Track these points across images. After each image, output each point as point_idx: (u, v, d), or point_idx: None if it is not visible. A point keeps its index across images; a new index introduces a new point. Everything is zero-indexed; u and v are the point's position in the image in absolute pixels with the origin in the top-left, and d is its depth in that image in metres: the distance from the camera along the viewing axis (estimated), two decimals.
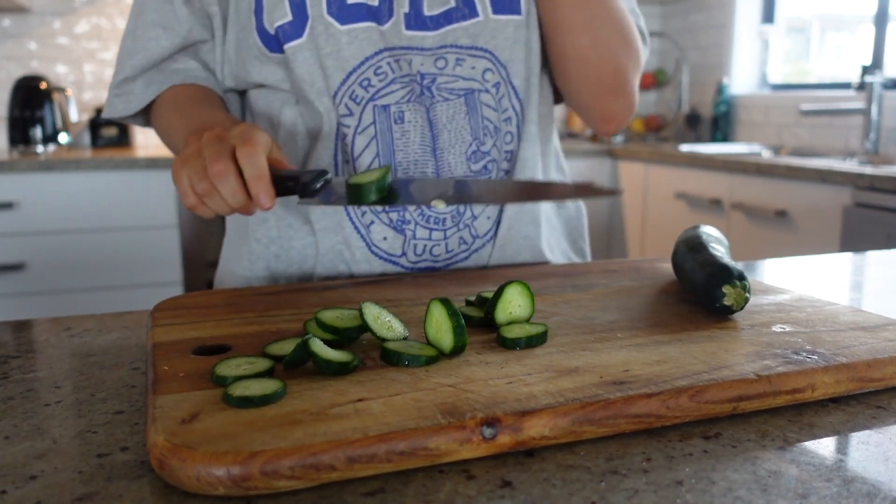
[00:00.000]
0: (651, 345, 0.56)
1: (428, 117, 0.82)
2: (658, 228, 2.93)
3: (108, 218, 2.48)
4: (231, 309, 0.65)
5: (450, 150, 0.83)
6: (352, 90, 0.80)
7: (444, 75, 0.81)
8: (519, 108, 0.86)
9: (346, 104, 0.81)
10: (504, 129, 0.85)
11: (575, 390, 0.47)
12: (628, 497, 0.39)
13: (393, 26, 0.80)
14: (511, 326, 0.57)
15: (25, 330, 0.70)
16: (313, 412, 0.43)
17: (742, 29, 3.33)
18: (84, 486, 0.40)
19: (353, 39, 0.79)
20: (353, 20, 0.79)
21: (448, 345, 0.53)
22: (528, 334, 0.55)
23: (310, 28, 0.79)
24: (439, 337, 0.53)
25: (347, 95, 0.80)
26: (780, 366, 0.51)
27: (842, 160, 2.61)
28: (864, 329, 0.59)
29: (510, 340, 0.55)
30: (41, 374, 0.57)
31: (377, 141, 0.81)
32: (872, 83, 2.59)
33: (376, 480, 0.41)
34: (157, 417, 0.43)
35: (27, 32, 2.96)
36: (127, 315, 0.73)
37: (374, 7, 0.79)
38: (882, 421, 0.49)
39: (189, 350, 0.54)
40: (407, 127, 0.81)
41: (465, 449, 0.42)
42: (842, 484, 0.41)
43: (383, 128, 0.81)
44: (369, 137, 0.81)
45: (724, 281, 0.62)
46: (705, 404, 0.47)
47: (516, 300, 0.59)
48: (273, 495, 0.39)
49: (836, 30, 3.45)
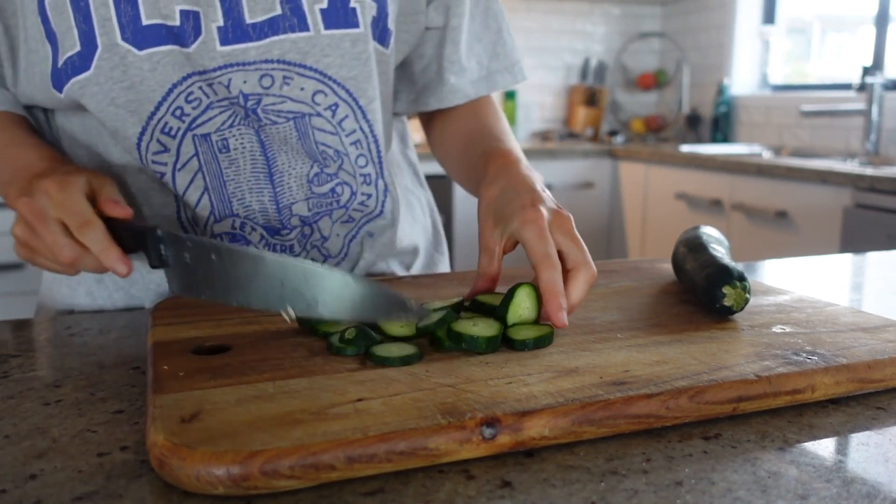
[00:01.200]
0: (651, 345, 0.56)
1: (259, 139, 0.73)
2: (658, 229, 2.93)
3: None
4: (231, 308, 0.65)
5: (288, 173, 0.75)
6: (164, 122, 0.70)
7: (270, 95, 0.71)
8: (368, 129, 0.77)
9: (159, 139, 0.71)
10: (354, 153, 0.77)
11: (575, 390, 0.47)
12: (628, 497, 0.39)
13: (201, 46, 0.68)
14: (518, 328, 0.57)
15: (25, 329, 0.70)
16: (313, 412, 0.43)
17: (743, 29, 3.33)
18: (84, 486, 0.40)
19: (156, 66, 0.68)
20: (152, 44, 0.67)
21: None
22: (536, 335, 0.55)
23: (99, 58, 0.67)
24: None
25: (159, 129, 0.70)
26: (780, 366, 0.51)
27: (842, 161, 2.61)
28: (865, 330, 0.59)
29: (518, 342, 0.54)
30: (41, 373, 0.57)
31: (203, 174, 0.73)
32: (873, 84, 2.60)
33: (376, 480, 0.41)
34: (156, 417, 0.43)
35: None
36: (127, 314, 0.73)
37: (175, 27, 0.67)
38: (882, 422, 0.49)
39: (189, 349, 0.54)
40: (234, 155, 0.73)
41: (465, 449, 0.42)
42: (841, 485, 0.41)
43: (208, 158, 0.73)
44: (193, 171, 0.73)
45: (724, 282, 0.62)
46: (705, 405, 0.47)
47: (525, 302, 0.59)
48: (273, 495, 0.39)
49: (837, 30, 3.45)
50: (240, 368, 0.51)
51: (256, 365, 0.51)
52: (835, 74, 3.26)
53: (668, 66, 3.76)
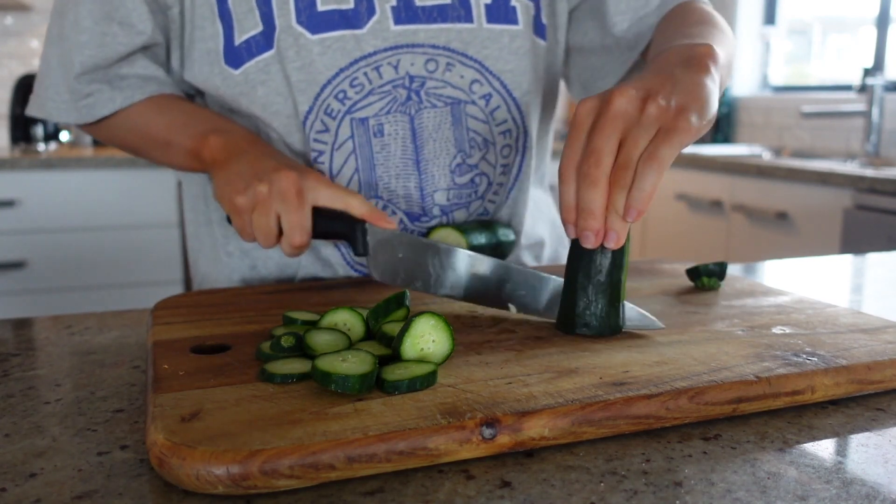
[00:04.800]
0: (651, 346, 0.56)
1: (412, 126, 0.78)
2: (658, 229, 2.93)
3: (109, 216, 2.48)
4: (231, 308, 0.65)
5: (434, 162, 0.80)
6: (327, 104, 0.76)
7: (433, 79, 0.77)
8: (520, 121, 0.82)
9: (322, 119, 0.76)
10: (501, 143, 0.82)
11: (574, 391, 0.47)
12: (627, 498, 0.39)
13: (375, 25, 0.74)
14: (393, 367, 0.48)
15: (26, 328, 0.70)
16: (313, 411, 0.43)
17: (743, 30, 3.33)
18: (84, 484, 0.40)
19: (326, 50, 0.74)
20: (324, 29, 0.73)
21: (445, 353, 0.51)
22: (411, 376, 0.46)
23: (277, 39, 0.73)
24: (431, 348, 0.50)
25: (323, 110, 0.76)
26: (780, 367, 0.51)
27: (842, 162, 2.61)
28: (864, 331, 0.59)
29: (389, 384, 0.46)
30: (41, 371, 0.57)
31: (356, 156, 0.78)
32: (874, 85, 2.59)
33: (376, 480, 0.41)
34: (156, 416, 0.43)
35: (29, 30, 2.96)
36: (127, 313, 0.73)
37: (349, 10, 0.74)
38: (881, 423, 0.49)
39: (189, 348, 0.54)
40: (387, 140, 0.78)
41: (465, 449, 0.42)
42: (841, 486, 0.41)
43: (362, 142, 0.77)
44: (347, 153, 0.78)
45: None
46: (705, 406, 0.47)
47: (429, 334, 0.50)
48: (272, 494, 0.40)
49: (838, 32, 3.45)
50: (240, 367, 0.51)
51: (256, 364, 0.51)
52: (835, 76, 3.26)
53: None
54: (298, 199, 0.66)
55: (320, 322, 0.56)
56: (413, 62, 0.76)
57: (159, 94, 0.81)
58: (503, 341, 0.57)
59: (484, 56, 0.78)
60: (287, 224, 0.66)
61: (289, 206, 0.66)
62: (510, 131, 0.82)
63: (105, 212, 2.47)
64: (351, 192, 0.69)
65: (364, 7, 0.74)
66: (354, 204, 0.68)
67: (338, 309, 0.57)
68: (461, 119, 0.79)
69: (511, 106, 0.81)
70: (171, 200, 2.54)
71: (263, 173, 0.67)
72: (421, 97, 0.78)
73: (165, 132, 0.79)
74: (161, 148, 0.80)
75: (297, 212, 0.66)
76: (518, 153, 0.84)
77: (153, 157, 0.83)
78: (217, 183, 0.71)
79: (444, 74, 0.78)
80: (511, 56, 0.79)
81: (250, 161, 0.70)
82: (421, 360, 0.50)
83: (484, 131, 0.81)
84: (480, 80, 0.79)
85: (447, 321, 0.51)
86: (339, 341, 0.53)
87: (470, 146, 0.81)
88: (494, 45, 0.78)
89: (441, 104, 0.78)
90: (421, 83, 0.77)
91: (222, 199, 0.70)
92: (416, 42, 0.76)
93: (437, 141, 0.79)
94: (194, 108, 0.80)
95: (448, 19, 0.76)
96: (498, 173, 0.83)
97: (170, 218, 2.55)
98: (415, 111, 0.78)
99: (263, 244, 0.68)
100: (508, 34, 0.79)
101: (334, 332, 0.54)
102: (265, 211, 0.66)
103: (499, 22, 0.78)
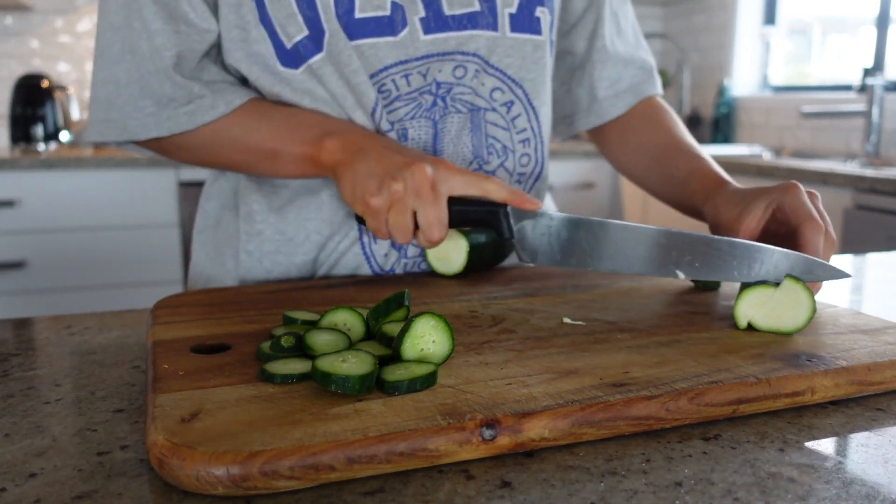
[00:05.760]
0: (651, 346, 0.56)
1: (434, 131, 0.79)
2: None
3: (109, 216, 2.48)
4: (232, 307, 0.65)
5: None
6: None
7: (460, 85, 0.78)
8: (538, 129, 0.84)
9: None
10: (520, 151, 0.83)
11: (574, 392, 0.47)
12: (627, 498, 0.39)
13: (406, 36, 0.75)
14: (393, 367, 0.49)
15: (26, 328, 0.70)
16: (313, 412, 0.43)
17: (743, 30, 3.33)
18: (84, 484, 0.40)
19: (361, 56, 0.74)
20: (360, 36, 0.74)
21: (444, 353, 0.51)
22: (411, 377, 0.47)
23: (327, 43, 0.73)
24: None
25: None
26: (780, 368, 0.51)
27: (843, 162, 2.61)
28: (864, 332, 0.59)
29: (390, 384, 0.46)
30: (41, 371, 0.57)
31: None
32: (874, 85, 2.59)
33: (376, 480, 0.41)
34: (156, 416, 0.43)
35: (29, 30, 2.96)
36: (127, 313, 0.73)
37: (385, 18, 0.74)
38: (881, 423, 0.49)
39: (189, 348, 0.54)
40: (409, 145, 0.78)
41: (465, 450, 0.42)
42: (841, 486, 0.41)
43: None
44: None
45: None
46: (705, 407, 0.47)
47: (429, 335, 0.51)
48: (272, 495, 0.40)
49: (838, 32, 3.45)
50: (240, 367, 0.51)
51: (256, 364, 0.51)
52: (835, 76, 3.26)
53: (668, 67, 3.76)
54: (434, 194, 0.65)
55: (320, 322, 0.56)
56: (441, 69, 0.77)
57: (250, 101, 0.77)
58: (503, 341, 0.57)
59: (506, 65, 0.79)
60: (424, 220, 0.65)
61: (424, 201, 0.65)
62: (529, 140, 0.83)
63: (105, 212, 2.47)
64: (485, 177, 0.68)
65: (399, 17, 0.74)
66: (492, 189, 0.67)
67: (338, 309, 0.57)
68: (480, 126, 0.80)
69: (531, 114, 0.83)
70: (171, 200, 2.54)
71: (395, 170, 0.66)
72: (447, 103, 0.78)
73: (271, 142, 0.76)
74: (268, 160, 0.77)
75: (434, 206, 0.65)
76: (537, 164, 0.85)
77: (256, 170, 0.79)
78: (343, 185, 0.70)
79: (472, 81, 0.79)
80: (533, 65, 0.81)
81: (375, 158, 0.68)
82: (421, 361, 0.50)
83: (504, 138, 0.82)
84: (502, 87, 0.80)
85: (447, 321, 0.51)
86: (339, 341, 0.53)
87: (488, 153, 0.81)
88: (517, 53, 0.79)
89: (465, 110, 0.79)
90: (448, 89, 0.78)
91: (354, 201, 0.68)
92: (447, 50, 0.76)
93: (455, 146, 0.80)
94: (291, 110, 0.77)
95: (478, 26, 0.77)
96: (514, 181, 0.84)
97: (170, 218, 2.55)
98: (439, 116, 0.79)
99: (400, 241, 0.67)
100: (532, 44, 0.80)
101: (334, 332, 0.54)
102: (402, 210, 0.66)
103: (522, 31, 0.79)
